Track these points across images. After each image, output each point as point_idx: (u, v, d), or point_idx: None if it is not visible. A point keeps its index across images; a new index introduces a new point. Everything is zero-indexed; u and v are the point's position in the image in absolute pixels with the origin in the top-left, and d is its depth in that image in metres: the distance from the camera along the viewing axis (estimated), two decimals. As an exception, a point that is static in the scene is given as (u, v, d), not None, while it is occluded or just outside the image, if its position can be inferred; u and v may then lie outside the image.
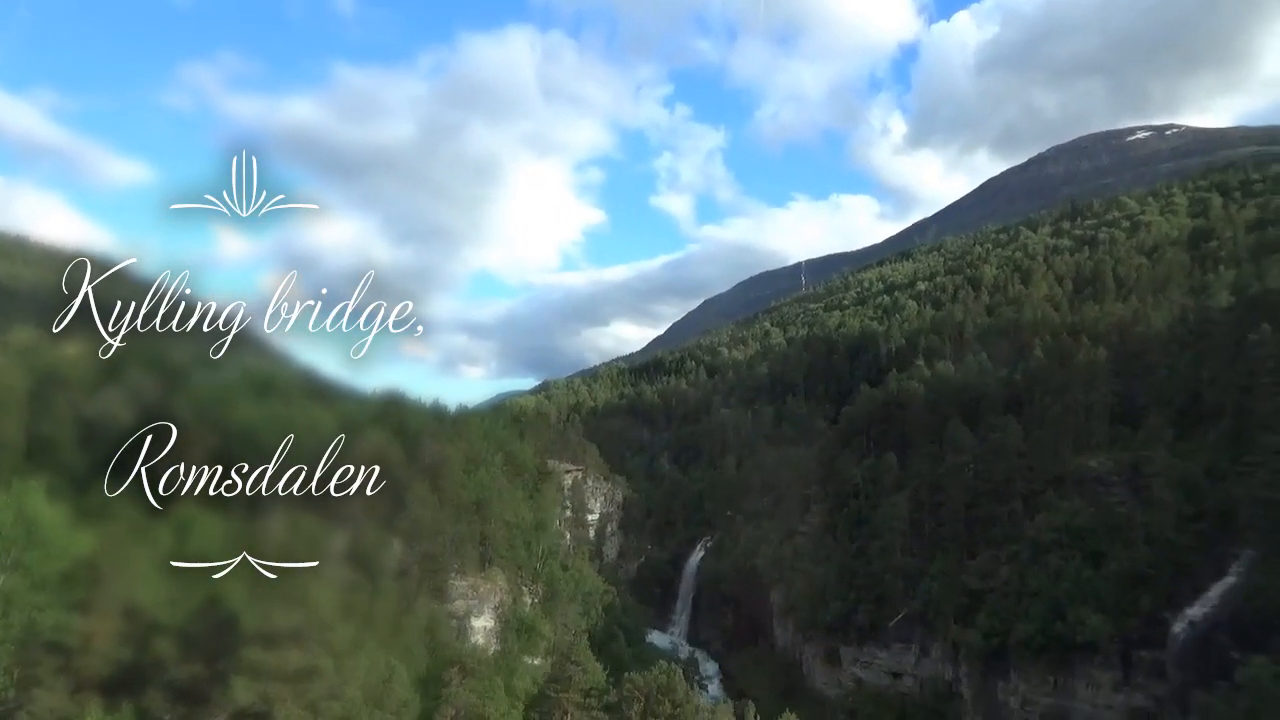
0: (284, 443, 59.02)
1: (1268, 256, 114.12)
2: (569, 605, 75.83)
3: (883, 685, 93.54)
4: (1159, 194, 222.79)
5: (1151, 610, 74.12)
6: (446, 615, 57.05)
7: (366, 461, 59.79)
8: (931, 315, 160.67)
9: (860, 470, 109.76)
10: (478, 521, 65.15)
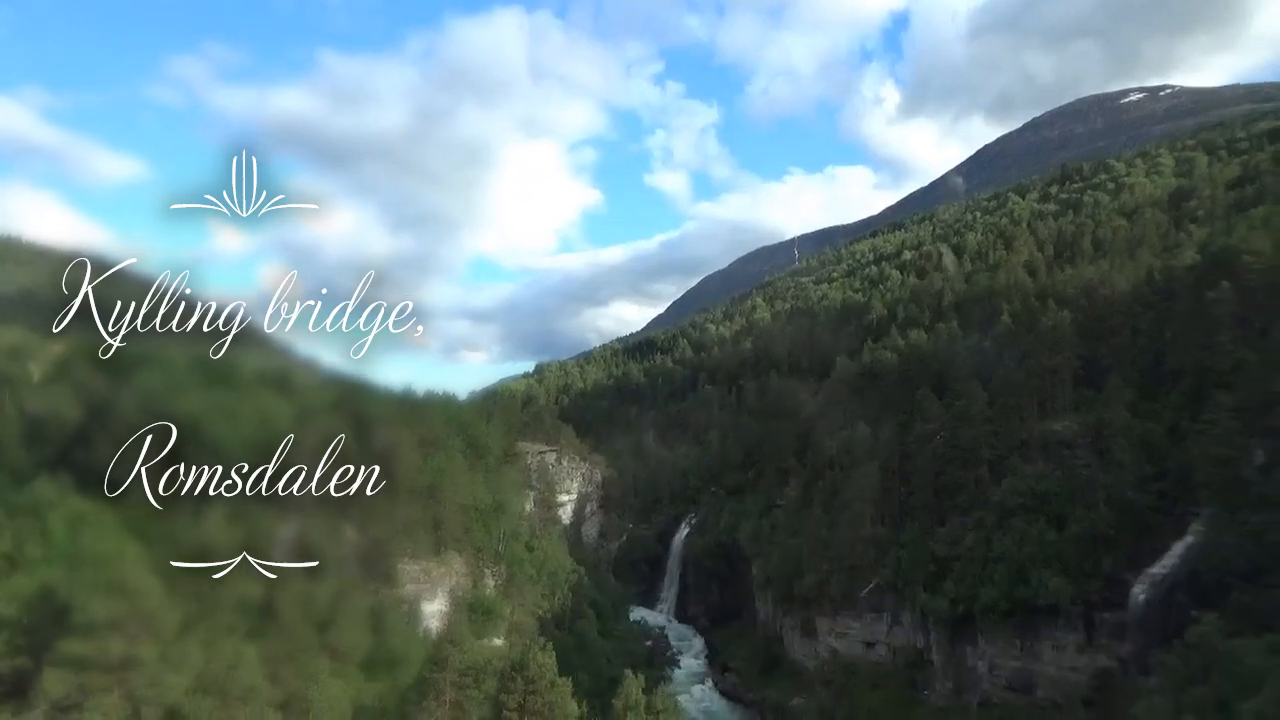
0: (231, 436, 59.22)
1: (1242, 213, 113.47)
2: (532, 586, 76.29)
3: (856, 655, 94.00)
4: (1148, 155, 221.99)
5: (1113, 571, 74.27)
6: (396, 600, 57.35)
7: (315, 451, 60.13)
8: (911, 285, 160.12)
9: (835, 442, 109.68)
10: (431, 505, 65.50)
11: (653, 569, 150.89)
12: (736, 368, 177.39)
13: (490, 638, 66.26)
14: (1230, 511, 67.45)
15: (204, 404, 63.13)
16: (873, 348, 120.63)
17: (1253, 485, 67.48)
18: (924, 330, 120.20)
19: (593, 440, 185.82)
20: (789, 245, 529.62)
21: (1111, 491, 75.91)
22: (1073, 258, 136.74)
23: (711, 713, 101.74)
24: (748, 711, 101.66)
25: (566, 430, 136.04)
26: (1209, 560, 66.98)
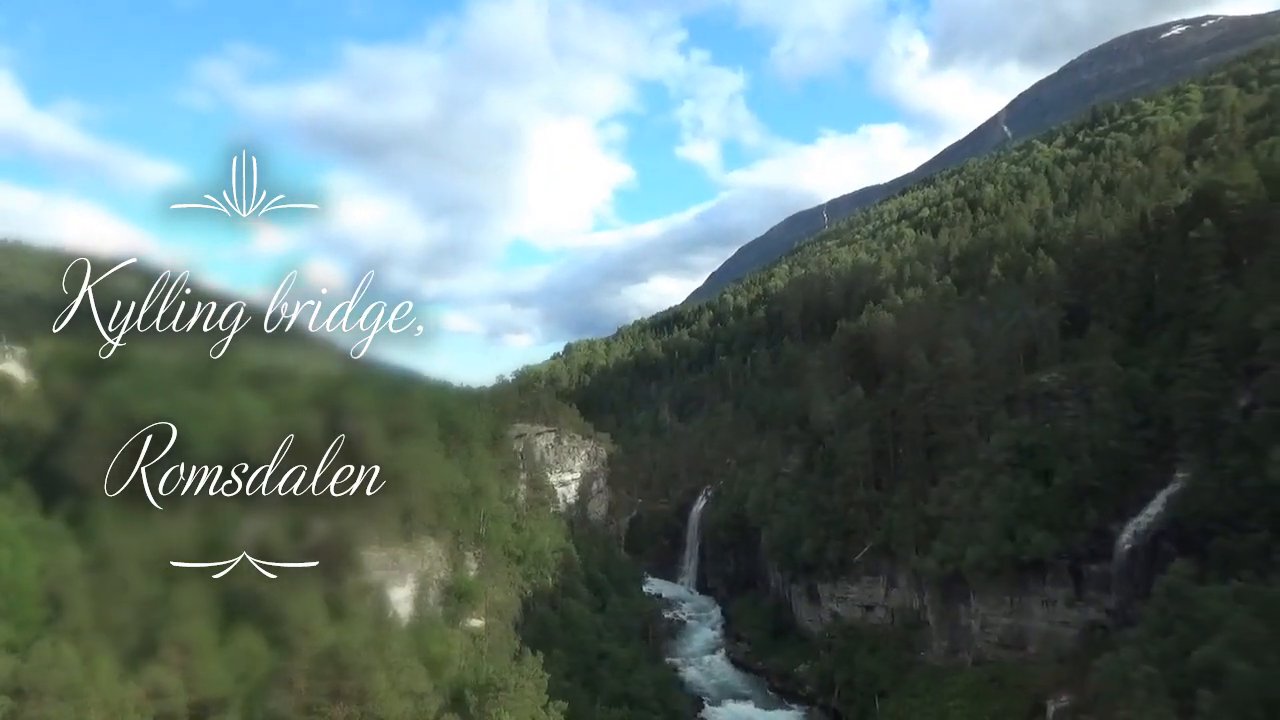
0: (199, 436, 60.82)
1: (1256, 145, 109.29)
2: (516, 566, 77.34)
3: (856, 619, 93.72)
4: (1179, 91, 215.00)
5: (1099, 523, 72.81)
6: (362, 588, 58.53)
7: (285, 449, 61.43)
8: (920, 242, 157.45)
9: (834, 406, 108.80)
10: (401, 492, 66.58)
11: (673, 542, 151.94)
12: (750, 337, 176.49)
13: (467, 619, 67.55)
14: (1210, 456, 65.71)
15: (173, 406, 65.16)
16: (872, 309, 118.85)
17: (1232, 428, 65.57)
18: (922, 288, 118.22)
19: (613, 417, 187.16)
20: (827, 207, 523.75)
21: (1096, 442, 74.20)
22: (1082, 204, 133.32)
23: (722, 683, 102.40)
24: (757, 679, 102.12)
25: (567, 410, 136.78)
26: (1189, 507, 65.42)
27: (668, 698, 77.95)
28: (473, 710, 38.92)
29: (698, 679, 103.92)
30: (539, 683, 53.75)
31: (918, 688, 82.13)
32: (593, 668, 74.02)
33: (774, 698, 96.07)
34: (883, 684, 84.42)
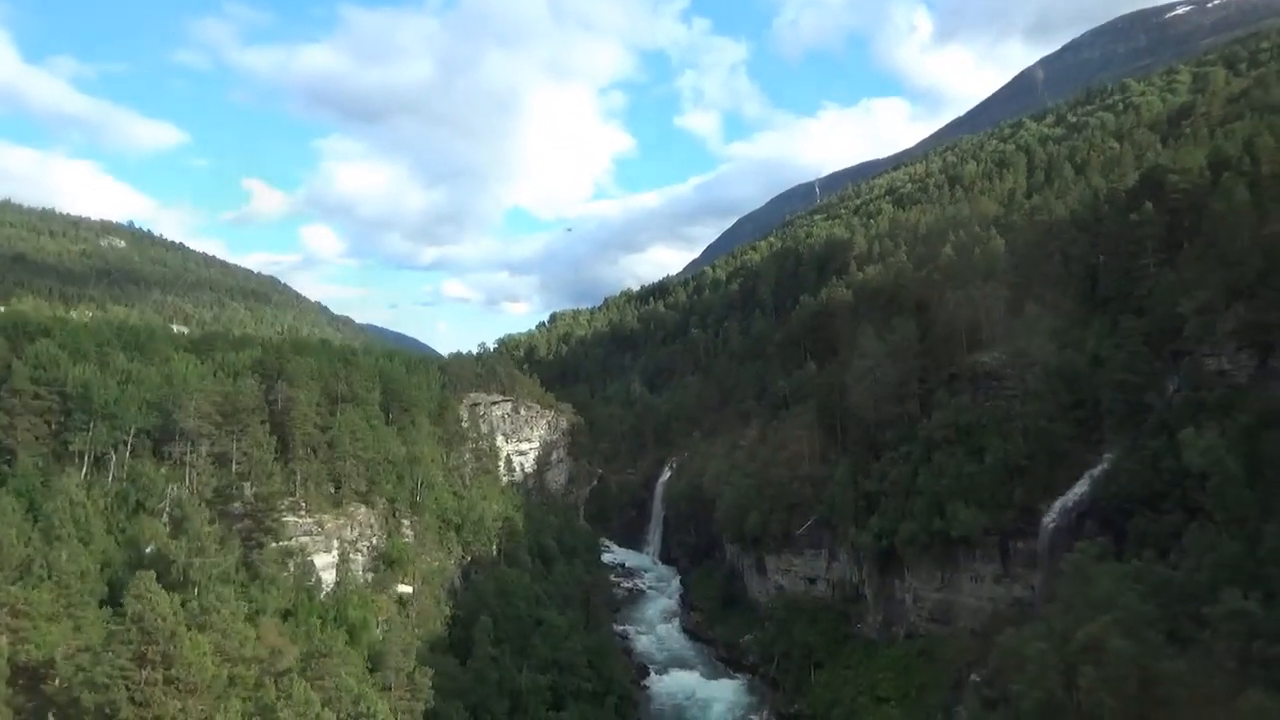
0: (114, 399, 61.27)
1: (1223, 129, 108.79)
2: (451, 533, 78.12)
3: (800, 591, 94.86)
4: (1171, 71, 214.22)
5: (1027, 501, 73.49)
6: (283, 554, 59.32)
7: (204, 413, 62.01)
8: (894, 218, 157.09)
9: (789, 381, 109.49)
10: (330, 459, 67.25)
11: (639, 513, 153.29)
12: (725, 310, 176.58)
13: (396, 585, 68.44)
14: (1133, 439, 66.39)
15: (101, 370, 65.76)
16: (834, 284, 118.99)
17: (1155, 411, 66.23)
18: (881, 264, 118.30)
19: (587, 387, 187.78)
20: (823, 182, 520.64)
21: (1028, 422, 74.83)
22: (1050, 184, 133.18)
23: (672, 651, 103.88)
24: (706, 649, 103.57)
25: (526, 380, 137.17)
26: (1110, 488, 66.15)
27: (602, 665, 78.98)
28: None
29: (649, 647, 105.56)
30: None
31: (852, 660, 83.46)
32: (526, 634, 75.01)
33: (720, 667, 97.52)
34: (819, 655, 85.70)
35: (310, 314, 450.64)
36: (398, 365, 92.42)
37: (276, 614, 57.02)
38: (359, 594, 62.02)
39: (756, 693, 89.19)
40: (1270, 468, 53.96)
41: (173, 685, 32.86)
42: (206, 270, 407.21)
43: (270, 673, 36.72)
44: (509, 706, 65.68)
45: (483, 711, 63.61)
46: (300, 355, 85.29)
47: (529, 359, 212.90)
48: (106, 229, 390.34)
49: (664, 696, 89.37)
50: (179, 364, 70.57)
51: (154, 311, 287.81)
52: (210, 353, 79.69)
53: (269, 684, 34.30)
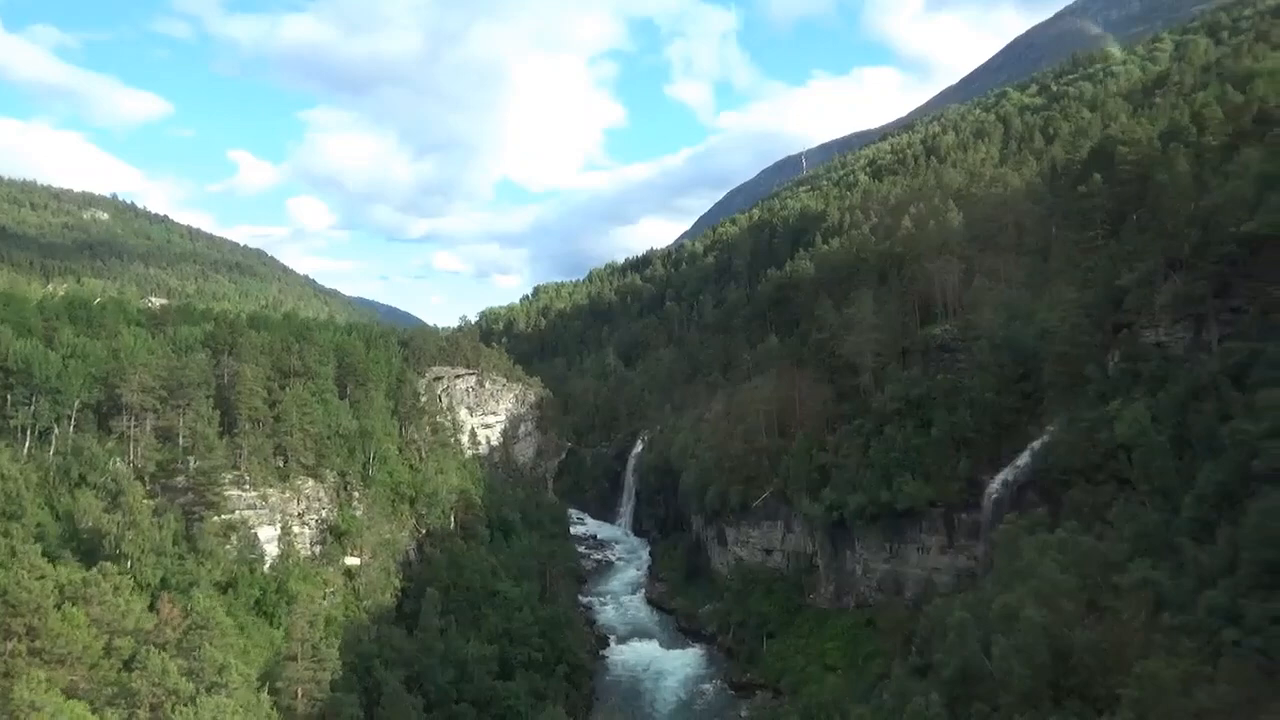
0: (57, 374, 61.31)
1: (1187, 98, 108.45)
2: (404, 506, 78.70)
3: (757, 562, 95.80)
4: (1159, 39, 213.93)
5: (971, 473, 74.27)
6: (225, 527, 59.80)
7: (147, 387, 62.07)
8: (865, 189, 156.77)
9: (753, 354, 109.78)
10: (276, 433, 67.50)
11: (613, 485, 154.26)
12: (700, 283, 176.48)
13: (344, 558, 69.04)
14: (1073, 411, 66.81)
15: (40, 345, 65.80)
16: (801, 256, 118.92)
17: (1093, 384, 66.59)
18: (845, 237, 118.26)
19: (564, 360, 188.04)
20: (816, 153, 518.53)
21: (974, 395, 75.35)
22: (1018, 154, 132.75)
23: (634, 622, 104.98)
24: (668, 619, 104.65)
25: (491, 353, 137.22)
26: (1050, 459, 66.74)
27: (556, 636, 79.86)
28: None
29: (612, 618, 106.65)
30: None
31: (803, 629, 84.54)
32: (478, 605, 75.82)
33: (680, 637, 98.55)
34: (772, 625, 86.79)
35: (297, 287, 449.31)
36: (355, 340, 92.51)
37: (214, 586, 57.58)
38: (301, 567, 62.56)
39: (713, 662, 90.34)
40: (1196, 439, 54.47)
41: (38, 656, 33.41)
42: (191, 243, 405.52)
43: (153, 643, 37.24)
44: (455, 676, 66.37)
45: (426, 681, 64.38)
46: (255, 330, 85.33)
47: (508, 332, 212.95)
48: (89, 201, 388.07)
49: (621, 666, 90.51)
50: (128, 338, 70.56)
51: (135, 285, 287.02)
52: (162, 327, 79.69)
53: (145, 654, 34.83)
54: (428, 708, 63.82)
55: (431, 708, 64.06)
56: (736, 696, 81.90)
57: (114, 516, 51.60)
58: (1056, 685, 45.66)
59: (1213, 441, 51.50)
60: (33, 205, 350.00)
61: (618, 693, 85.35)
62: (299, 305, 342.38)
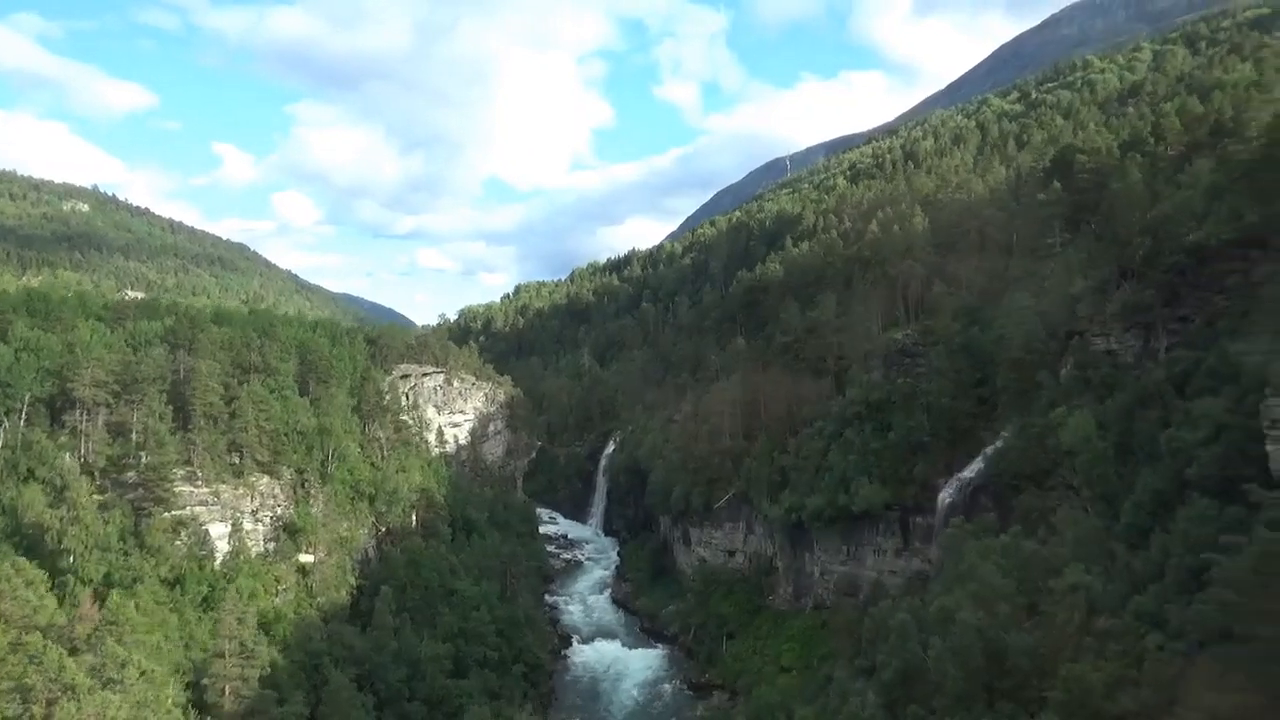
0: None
1: (1157, 108, 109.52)
2: (363, 504, 78.52)
3: (719, 563, 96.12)
4: (1137, 49, 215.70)
5: (927, 478, 74.78)
6: (175, 523, 59.53)
7: (100, 381, 61.75)
8: (840, 193, 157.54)
9: (721, 356, 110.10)
10: (231, 429, 67.23)
11: (585, 485, 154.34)
12: (677, 284, 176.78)
13: (299, 555, 68.86)
14: (1024, 417, 67.40)
15: None
16: (772, 259, 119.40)
17: (1045, 390, 67.17)
18: (814, 241, 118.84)
19: (540, 359, 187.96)
20: (802, 156, 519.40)
21: (931, 399, 75.85)
22: (990, 160, 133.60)
23: (599, 622, 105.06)
24: (632, 619, 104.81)
25: (460, 352, 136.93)
26: (1001, 464, 67.31)
27: (515, 635, 79.92)
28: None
29: (577, 618, 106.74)
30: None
31: (762, 631, 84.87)
32: (435, 604, 75.77)
33: (643, 637, 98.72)
34: (732, 626, 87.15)
35: (279, 282, 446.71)
36: (319, 336, 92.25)
37: (162, 583, 57.42)
38: (250, 564, 62.38)
39: (673, 663, 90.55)
40: (1139, 447, 55.06)
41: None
42: (172, 236, 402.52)
43: (65, 640, 37.16)
44: (407, 674, 66.40)
45: (377, 679, 64.36)
46: (218, 325, 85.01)
47: (486, 331, 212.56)
48: (69, 192, 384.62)
49: (582, 666, 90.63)
50: (84, 333, 70.16)
51: (114, 278, 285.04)
52: (123, 321, 79.29)
53: (44, 649, 34.76)
54: (378, 706, 63.89)
55: (383, 706, 64.13)
56: (694, 697, 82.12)
57: (57, 511, 51.36)
58: (991, 687, 46.04)
59: (1153, 449, 52.08)
60: (11, 196, 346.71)
61: (577, 692, 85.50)
62: (280, 300, 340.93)
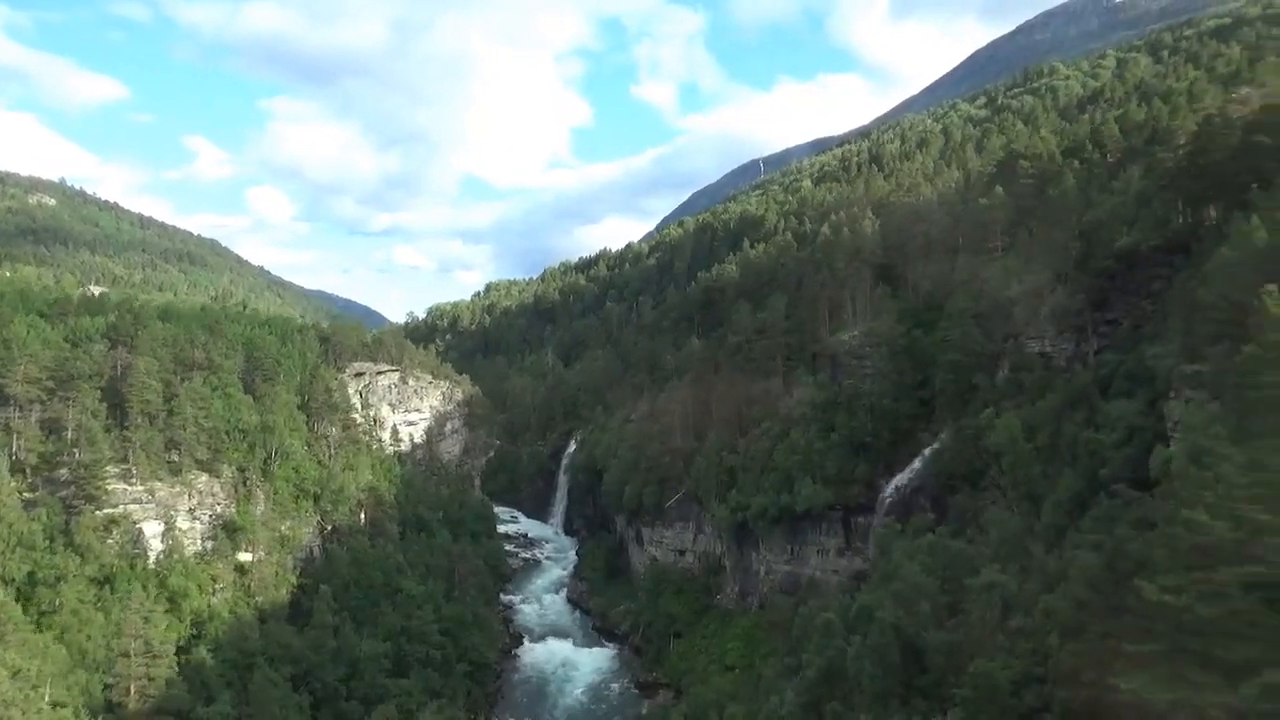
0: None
1: (1108, 114, 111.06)
2: (307, 502, 78.17)
3: (670, 562, 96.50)
4: (1103, 56, 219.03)
5: (869, 478, 75.52)
6: (108, 521, 59.07)
7: (32, 378, 61.07)
8: (801, 196, 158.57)
9: (676, 356, 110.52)
10: (168, 427, 66.70)
11: (547, 484, 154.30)
12: (641, 283, 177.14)
13: (237, 553, 68.52)
14: (960, 418, 68.28)
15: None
16: (730, 260, 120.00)
17: (980, 391, 68.10)
18: (768, 242, 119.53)
19: (505, 358, 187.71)
20: (778, 158, 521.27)
21: (874, 400, 76.59)
22: (948, 164, 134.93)
23: (552, 621, 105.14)
24: (586, 618, 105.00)
25: (415, 350, 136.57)
26: (938, 465, 68.17)
27: (461, 634, 79.91)
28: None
29: (531, 617, 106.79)
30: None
31: (709, 629, 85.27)
32: (378, 603, 75.65)
33: (595, 636, 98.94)
34: (680, 625, 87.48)
35: (250, 278, 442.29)
36: (266, 334, 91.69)
37: (90, 582, 56.99)
38: (184, 562, 61.99)
39: (623, 662, 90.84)
40: (1065, 448, 55.99)
41: None
42: (141, 231, 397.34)
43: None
44: (345, 673, 66.29)
45: (314, 678, 64.21)
46: (164, 322, 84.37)
47: (453, 329, 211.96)
48: (36, 185, 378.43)
49: (531, 666, 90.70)
50: (19, 328, 69.39)
51: (80, 273, 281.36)
52: (64, 317, 78.51)
53: None
54: (315, 705, 63.74)
55: (319, 705, 63.98)
56: (641, 696, 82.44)
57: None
58: (909, 685, 46.76)
59: (1075, 450, 53.04)
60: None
61: (525, 691, 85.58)
62: (250, 297, 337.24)
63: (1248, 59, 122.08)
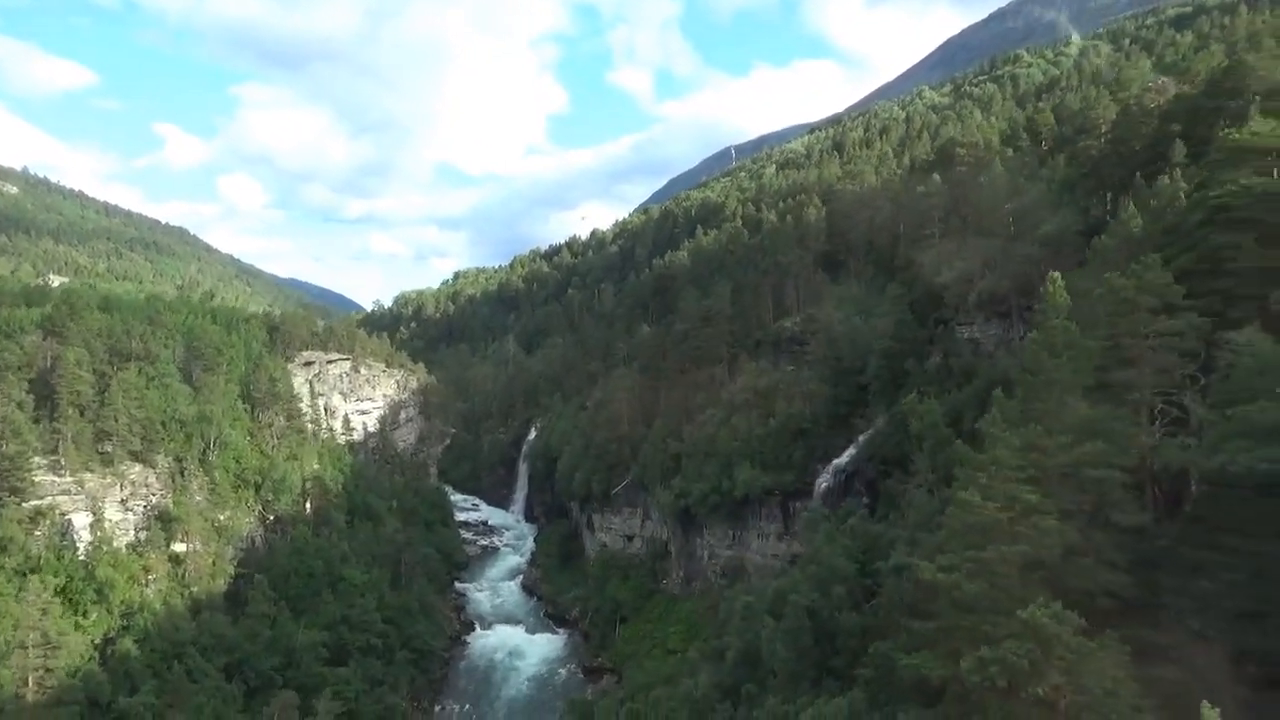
0: None
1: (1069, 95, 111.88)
2: (247, 492, 77.98)
3: (619, 548, 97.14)
4: (1067, 45, 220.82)
5: (806, 463, 76.14)
6: (33, 513, 58.69)
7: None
8: (760, 183, 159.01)
9: (629, 344, 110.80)
10: (100, 418, 66.22)
11: (509, 472, 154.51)
12: (603, 271, 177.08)
13: (172, 544, 68.25)
14: (892, 404, 68.96)
15: None
16: (687, 247, 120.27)
17: (912, 377, 68.79)
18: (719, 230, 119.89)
19: (468, 346, 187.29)
20: (752, 144, 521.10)
21: (812, 386, 77.21)
22: (904, 151, 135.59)
23: (504, 608, 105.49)
24: (539, 605, 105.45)
25: (367, 339, 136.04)
26: (870, 451, 68.91)
27: (405, 622, 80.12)
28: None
29: (484, 603, 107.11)
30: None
31: (654, 614, 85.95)
32: (318, 592, 75.60)
33: (547, 622, 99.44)
34: (626, 610, 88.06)
35: (218, 266, 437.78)
36: (208, 323, 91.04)
37: (14, 573, 56.64)
38: (112, 554, 61.73)
39: (571, 647, 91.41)
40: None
41: None
42: (106, 219, 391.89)
43: None
44: (281, 663, 66.31)
45: (248, 668, 64.23)
46: (104, 312, 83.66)
47: (417, 317, 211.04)
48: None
49: (480, 653, 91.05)
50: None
51: (40, 262, 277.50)
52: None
53: None
54: (248, 694, 63.79)
55: (253, 694, 64.00)
56: (586, 680, 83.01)
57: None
58: (822, 666, 47.52)
59: (991, 434, 53.81)
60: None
61: (471, 678, 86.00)
62: (219, 286, 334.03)
63: (1193, 47, 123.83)
